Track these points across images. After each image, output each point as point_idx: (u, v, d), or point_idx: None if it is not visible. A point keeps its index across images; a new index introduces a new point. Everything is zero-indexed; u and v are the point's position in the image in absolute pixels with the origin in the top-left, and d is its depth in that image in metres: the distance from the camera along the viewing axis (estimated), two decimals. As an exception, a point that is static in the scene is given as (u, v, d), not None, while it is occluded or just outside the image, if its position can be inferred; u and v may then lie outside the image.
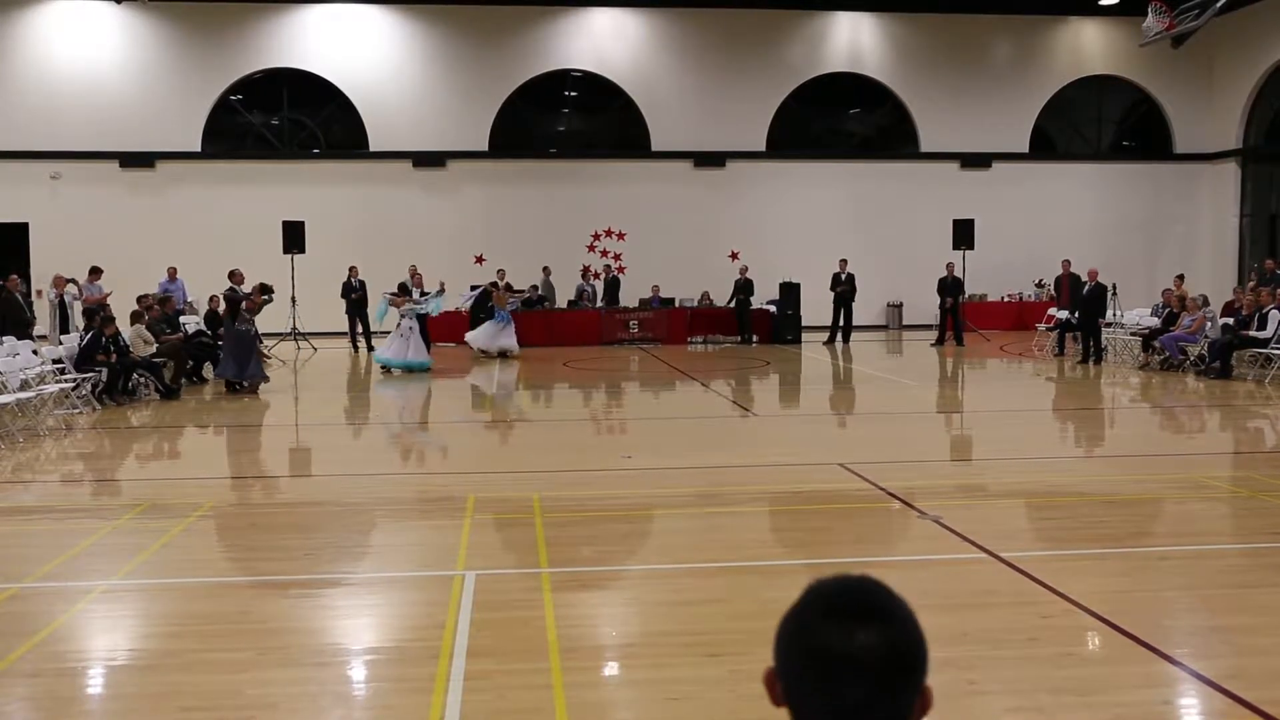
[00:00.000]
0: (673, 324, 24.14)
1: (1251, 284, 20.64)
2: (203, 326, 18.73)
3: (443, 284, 20.20)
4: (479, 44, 26.45)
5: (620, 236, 26.87)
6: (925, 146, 27.84)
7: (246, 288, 17.11)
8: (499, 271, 22.65)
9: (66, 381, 13.46)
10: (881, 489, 8.42)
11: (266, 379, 16.04)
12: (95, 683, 4.82)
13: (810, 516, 7.86)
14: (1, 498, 8.92)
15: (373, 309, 21.92)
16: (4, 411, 11.78)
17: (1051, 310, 22.42)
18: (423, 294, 19.81)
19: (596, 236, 26.86)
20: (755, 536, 7.54)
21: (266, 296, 16.59)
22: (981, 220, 24.34)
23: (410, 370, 17.87)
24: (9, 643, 5.10)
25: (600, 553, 6.88)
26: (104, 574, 6.40)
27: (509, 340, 20.73)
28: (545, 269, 25.13)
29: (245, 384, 15.45)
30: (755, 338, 24.13)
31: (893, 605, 1.34)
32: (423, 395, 16.21)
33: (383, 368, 18.08)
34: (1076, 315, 19.50)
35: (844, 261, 23.76)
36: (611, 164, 27.10)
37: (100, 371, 13.97)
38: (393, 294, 18.57)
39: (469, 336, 21.15)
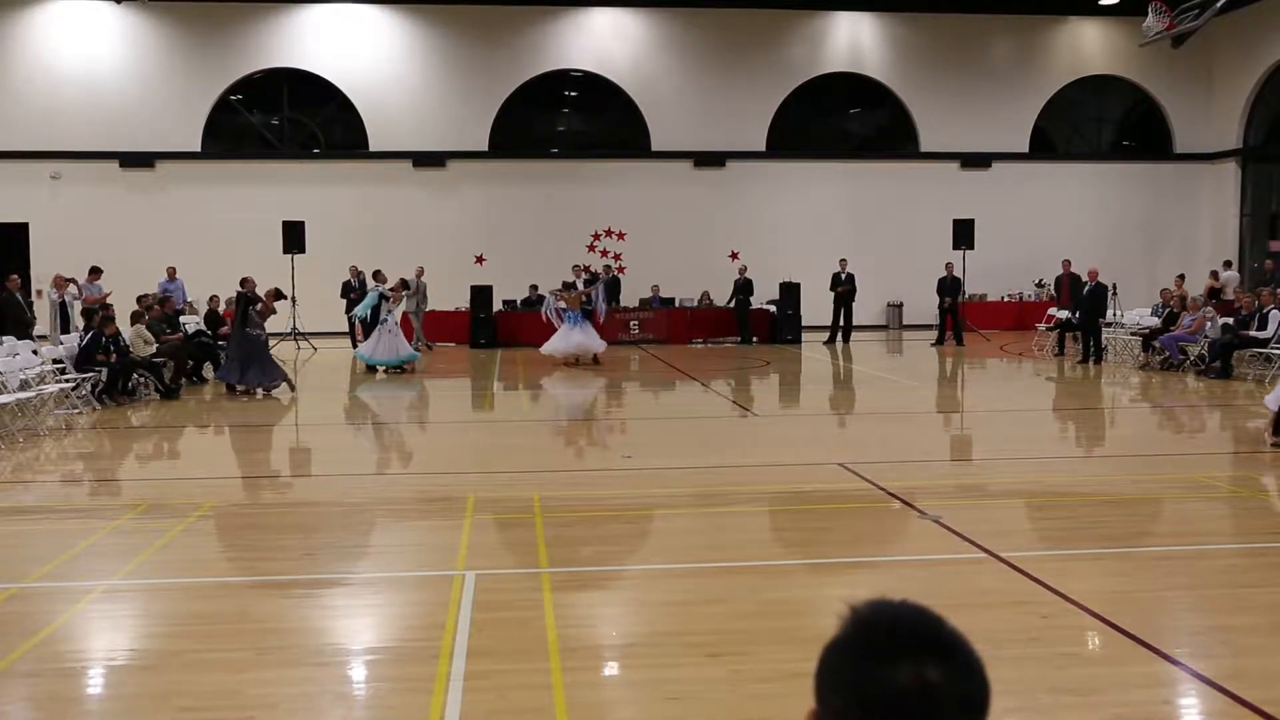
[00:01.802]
0: (673, 324, 24.13)
1: (1213, 283, 20.86)
2: (203, 326, 18.73)
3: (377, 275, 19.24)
4: (479, 44, 26.45)
5: (620, 236, 26.86)
6: (925, 146, 27.84)
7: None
8: (574, 267, 21.87)
9: (66, 381, 13.46)
10: (881, 489, 8.42)
11: (279, 383, 15.38)
12: (95, 683, 4.82)
13: (810, 516, 7.86)
14: (1, 498, 8.92)
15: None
16: (4, 411, 11.78)
17: (1051, 310, 22.41)
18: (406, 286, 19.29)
19: (596, 236, 26.85)
20: (755, 536, 7.54)
21: (275, 305, 16.13)
22: (981, 220, 24.31)
23: (401, 367, 17.87)
24: (9, 643, 5.10)
25: (600, 553, 6.87)
26: (104, 574, 6.40)
27: (588, 340, 19.09)
28: (606, 268, 24.94)
29: (241, 388, 15.09)
30: (755, 338, 24.13)
31: (955, 636, 1.21)
32: (422, 395, 16.21)
33: (369, 368, 17.96)
34: (1077, 315, 19.50)
35: (844, 261, 23.77)
36: (611, 164, 27.09)
37: (100, 371, 13.97)
38: (391, 288, 18.45)
39: (544, 349, 19.41)
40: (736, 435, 12.09)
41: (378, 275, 19.70)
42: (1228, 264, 24.20)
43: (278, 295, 16.19)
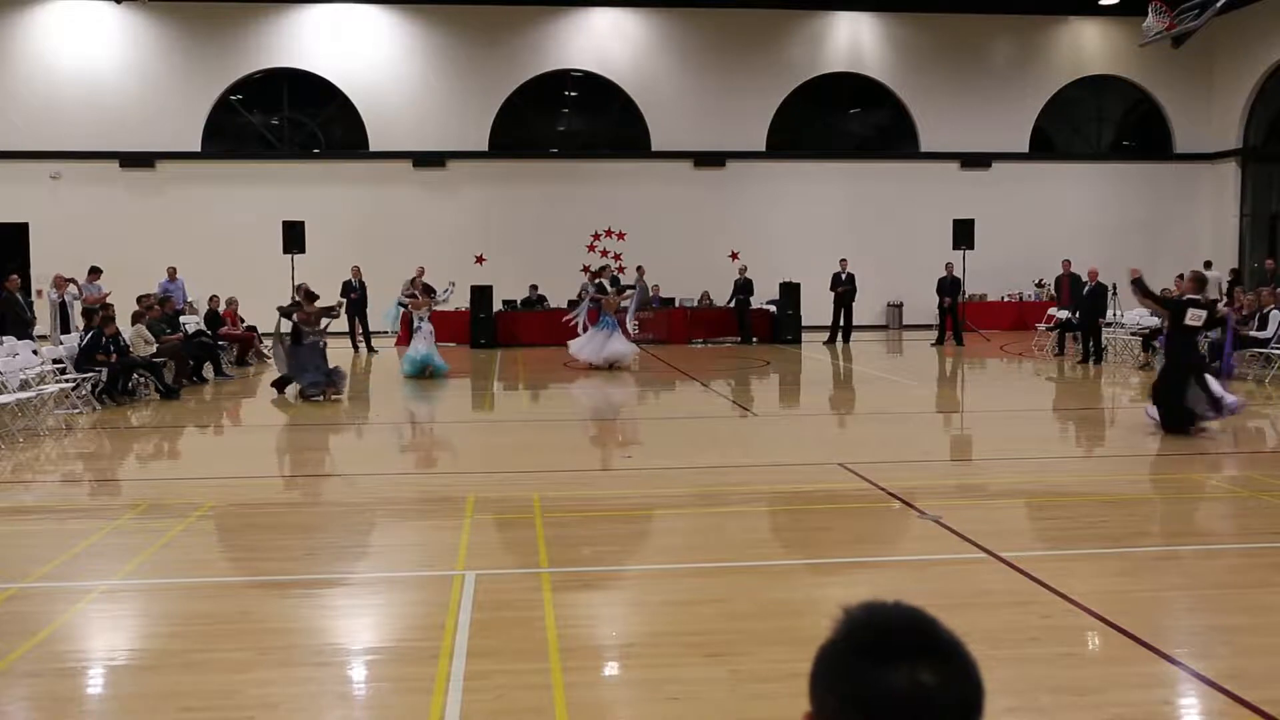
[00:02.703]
0: (673, 324, 24.13)
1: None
2: (203, 326, 18.73)
3: (452, 282, 18.75)
4: (479, 44, 26.45)
5: (620, 236, 26.87)
6: (925, 146, 27.84)
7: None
8: (603, 269, 21.55)
9: (66, 381, 13.46)
10: (881, 489, 8.42)
11: (339, 380, 14.98)
12: (95, 683, 4.82)
13: (810, 516, 7.86)
14: (1, 498, 8.92)
15: (373, 309, 21.86)
16: (4, 411, 11.78)
17: (1051, 310, 22.41)
18: (442, 291, 18.71)
19: (596, 236, 26.85)
20: (755, 536, 7.54)
21: (314, 306, 15.49)
22: (981, 220, 24.29)
23: (435, 374, 17.30)
24: (9, 643, 5.10)
25: (600, 553, 6.87)
26: (104, 574, 6.40)
27: (619, 347, 18.59)
28: (639, 269, 24.73)
29: (324, 395, 14.56)
30: (755, 338, 24.13)
31: (950, 640, 1.22)
32: (421, 395, 16.19)
33: (413, 374, 17.10)
34: (1077, 315, 19.49)
35: (844, 261, 23.77)
36: (611, 164, 27.10)
37: (100, 371, 13.97)
38: (411, 297, 18.01)
39: (573, 348, 18.87)
40: (736, 435, 12.08)
41: (414, 283, 19.25)
42: (1208, 264, 24.19)
43: (308, 296, 15.45)
